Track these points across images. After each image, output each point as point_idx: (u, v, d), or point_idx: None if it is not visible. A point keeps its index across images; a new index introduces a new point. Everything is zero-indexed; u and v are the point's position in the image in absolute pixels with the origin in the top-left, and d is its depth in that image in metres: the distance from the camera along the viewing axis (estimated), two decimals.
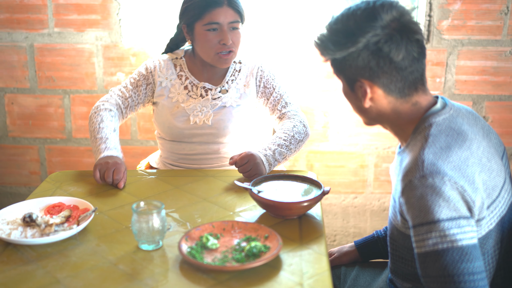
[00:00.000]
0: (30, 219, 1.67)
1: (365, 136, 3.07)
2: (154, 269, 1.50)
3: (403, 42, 1.39)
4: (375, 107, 1.49)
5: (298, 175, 1.93)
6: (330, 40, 1.44)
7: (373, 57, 1.40)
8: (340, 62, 1.46)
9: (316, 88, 3.01)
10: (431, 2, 2.84)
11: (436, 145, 1.39)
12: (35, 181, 3.27)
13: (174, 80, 2.30)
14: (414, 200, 1.36)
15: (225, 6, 2.13)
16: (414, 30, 1.42)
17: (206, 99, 2.27)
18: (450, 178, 1.34)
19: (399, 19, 1.41)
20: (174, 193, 1.98)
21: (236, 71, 2.32)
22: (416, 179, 1.35)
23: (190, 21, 2.19)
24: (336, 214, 3.22)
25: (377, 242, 1.93)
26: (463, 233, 1.33)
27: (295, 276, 1.45)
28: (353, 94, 1.51)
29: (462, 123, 1.47)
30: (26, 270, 1.50)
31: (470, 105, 2.97)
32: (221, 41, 2.14)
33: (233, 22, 2.15)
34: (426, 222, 1.34)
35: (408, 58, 1.41)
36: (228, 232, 1.64)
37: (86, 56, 3.05)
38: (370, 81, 1.44)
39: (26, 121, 3.17)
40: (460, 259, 1.32)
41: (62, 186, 2.04)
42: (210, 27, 2.14)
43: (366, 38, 1.39)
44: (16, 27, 3.03)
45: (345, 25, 1.42)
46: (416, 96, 1.47)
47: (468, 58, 2.92)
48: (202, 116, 2.26)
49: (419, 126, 1.47)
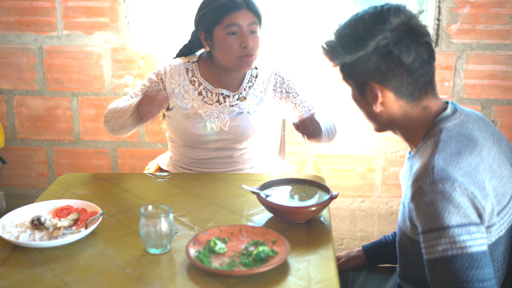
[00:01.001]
0: (38, 222, 1.68)
1: (373, 140, 3.07)
2: (161, 273, 1.50)
3: (412, 44, 1.40)
4: (386, 111, 1.48)
5: (306, 180, 1.92)
6: (339, 45, 1.44)
7: (384, 60, 1.40)
8: (349, 66, 1.46)
9: (325, 91, 3.00)
10: (440, 6, 2.84)
11: (446, 151, 1.39)
12: (43, 182, 3.28)
13: (187, 86, 2.27)
14: (424, 206, 1.35)
15: (244, 9, 2.12)
16: (423, 33, 1.42)
17: (223, 106, 2.25)
18: (460, 184, 1.33)
19: (407, 22, 1.41)
20: (182, 197, 1.97)
21: (253, 77, 2.30)
22: (426, 184, 1.35)
23: (208, 26, 2.17)
24: (343, 218, 3.21)
25: (385, 247, 1.92)
26: (473, 239, 1.32)
27: (302, 281, 1.45)
28: (363, 99, 1.50)
29: (473, 128, 1.46)
30: (34, 273, 1.50)
31: (478, 109, 2.96)
32: (242, 44, 2.13)
33: (252, 24, 2.14)
34: (436, 228, 1.33)
35: (418, 60, 1.41)
36: (235, 236, 1.64)
37: (94, 59, 3.06)
38: (381, 85, 1.44)
39: (35, 123, 3.18)
40: (469, 266, 1.31)
41: (70, 189, 2.04)
42: (230, 30, 2.12)
43: (376, 41, 1.39)
44: (25, 30, 3.04)
45: (354, 29, 1.42)
46: (426, 100, 1.47)
47: (477, 62, 2.91)
48: (219, 122, 2.24)
49: (429, 132, 1.46)
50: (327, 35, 1.49)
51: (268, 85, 2.30)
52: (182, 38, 2.94)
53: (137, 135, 3.13)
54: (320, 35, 2.97)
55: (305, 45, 2.97)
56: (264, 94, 2.29)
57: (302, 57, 2.97)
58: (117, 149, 3.18)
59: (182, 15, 3.03)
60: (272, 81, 2.30)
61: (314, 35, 2.97)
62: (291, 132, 2.91)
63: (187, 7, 3.02)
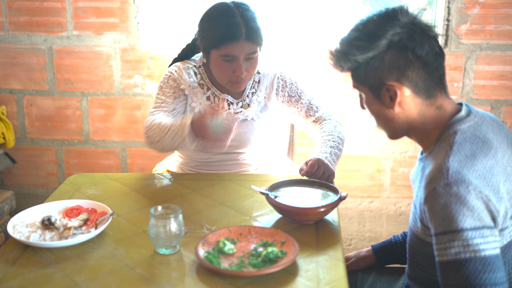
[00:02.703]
0: (49, 222, 1.69)
1: (382, 141, 3.06)
2: (171, 273, 1.51)
3: (424, 38, 1.41)
4: (403, 112, 1.47)
5: (316, 180, 1.92)
6: (352, 47, 1.44)
7: (399, 55, 1.41)
8: (363, 69, 1.45)
9: (333, 92, 3.00)
10: (449, 7, 2.83)
11: (461, 153, 1.38)
12: (53, 182, 3.30)
13: (196, 89, 2.24)
14: (438, 208, 1.35)
15: (242, 40, 2.05)
16: (430, 27, 1.44)
17: (228, 113, 2.23)
18: (475, 187, 1.33)
19: (414, 19, 1.43)
20: (191, 197, 1.98)
21: (256, 82, 2.28)
22: (440, 187, 1.34)
23: (206, 46, 2.13)
24: (352, 218, 3.21)
25: (395, 247, 1.92)
26: (487, 243, 1.32)
27: (311, 282, 1.45)
28: (379, 102, 1.49)
29: (487, 131, 1.46)
30: (45, 273, 1.51)
31: (488, 110, 2.95)
32: (235, 72, 2.09)
33: (250, 53, 2.09)
34: (449, 230, 1.33)
35: (432, 52, 1.42)
36: (244, 237, 1.65)
37: (104, 59, 3.07)
38: (399, 82, 1.43)
39: (44, 123, 3.20)
40: (482, 269, 1.31)
41: (80, 189, 2.05)
42: (226, 58, 2.07)
43: (388, 38, 1.40)
44: (35, 30, 3.06)
45: (365, 30, 1.43)
46: (440, 99, 1.47)
47: (487, 62, 2.90)
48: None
49: (443, 133, 1.46)
50: (333, 42, 1.49)
51: (272, 91, 2.28)
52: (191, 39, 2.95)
53: None
54: (326, 32, 2.97)
55: (310, 43, 2.97)
56: (267, 100, 2.28)
57: (308, 58, 2.97)
58: (126, 149, 3.19)
59: (191, 16, 3.04)
60: (275, 86, 2.28)
61: (320, 32, 2.97)
62: (299, 132, 2.91)
63: (196, 8, 3.03)
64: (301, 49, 2.97)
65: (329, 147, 2.11)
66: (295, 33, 2.97)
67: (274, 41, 2.96)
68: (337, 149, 2.13)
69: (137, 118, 3.13)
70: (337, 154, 2.12)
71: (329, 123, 2.24)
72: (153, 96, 3.08)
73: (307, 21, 2.95)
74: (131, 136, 3.16)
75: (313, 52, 2.97)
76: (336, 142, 2.14)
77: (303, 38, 2.97)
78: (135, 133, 3.15)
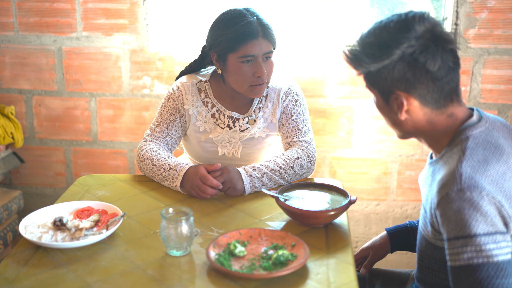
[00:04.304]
0: (60, 223, 1.70)
1: (389, 144, 3.07)
2: (182, 275, 1.52)
3: (438, 52, 1.39)
4: (411, 119, 1.48)
5: (325, 184, 1.93)
6: (364, 53, 1.44)
7: (409, 68, 1.40)
8: (374, 75, 1.46)
9: (341, 94, 3.01)
10: (457, 11, 2.84)
11: (474, 158, 1.39)
12: (61, 182, 3.32)
13: (200, 107, 2.22)
14: (451, 213, 1.35)
15: (260, 38, 2.05)
16: (448, 40, 1.42)
17: (234, 131, 2.21)
18: (488, 192, 1.33)
19: (432, 30, 1.41)
20: (200, 200, 1.99)
21: (263, 97, 2.24)
22: (453, 192, 1.35)
23: (222, 52, 2.09)
24: (358, 221, 3.22)
25: (410, 232, 1.90)
26: (499, 248, 1.32)
27: (322, 285, 1.46)
28: (388, 107, 1.50)
29: (499, 136, 1.46)
30: (56, 274, 1.53)
31: (495, 114, 2.96)
32: (256, 73, 2.06)
33: (267, 52, 2.08)
34: (462, 236, 1.34)
35: (444, 68, 1.41)
36: (255, 239, 1.66)
37: (113, 60, 3.08)
38: (406, 93, 1.44)
39: (53, 123, 3.21)
40: (495, 275, 1.31)
41: (90, 190, 2.07)
42: (245, 59, 2.05)
43: (401, 49, 1.39)
44: (45, 31, 3.08)
45: (379, 38, 1.42)
46: (452, 108, 1.47)
47: (494, 67, 2.91)
48: (231, 148, 2.21)
49: (455, 138, 1.46)
50: (350, 42, 1.49)
51: (278, 107, 2.23)
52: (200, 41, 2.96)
53: None
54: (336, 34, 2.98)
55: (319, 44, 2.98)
56: (273, 116, 2.23)
57: (315, 57, 2.98)
58: (134, 150, 3.21)
59: (201, 18, 3.05)
60: (281, 102, 2.23)
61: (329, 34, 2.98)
62: None
63: (205, 10, 3.04)
64: (308, 52, 2.98)
65: (269, 169, 2.05)
66: (301, 37, 2.98)
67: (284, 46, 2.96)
68: (279, 176, 2.06)
69: (145, 119, 3.14)
70: (274, 180, 2.05)
71: (296, 152, 2.14)
72: (161, 97, 3.09)
73: (314, 25, 2.96)
74: (139, 137, 3.17)
75: (320, 55, 2.98)
76: (283, 170, 2.07)
77: (310, 42, 2.98)
78: (143, 134, 3.16)
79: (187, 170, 2.02)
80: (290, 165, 2.09)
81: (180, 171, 2.03)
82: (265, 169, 2.04)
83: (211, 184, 1.95)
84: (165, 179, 2.06)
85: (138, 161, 2.18)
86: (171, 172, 2.05)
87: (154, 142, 2.22)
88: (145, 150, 2.16)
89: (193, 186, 1.98)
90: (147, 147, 2.18)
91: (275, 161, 2.08)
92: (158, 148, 2.18)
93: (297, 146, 2.18)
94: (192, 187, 1.98)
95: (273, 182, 2.05)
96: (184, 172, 2.02)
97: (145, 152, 2.15)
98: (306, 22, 2.96)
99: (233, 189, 1.99)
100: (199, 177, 1.97)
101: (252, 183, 2.01)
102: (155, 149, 2.17)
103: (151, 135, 2.24)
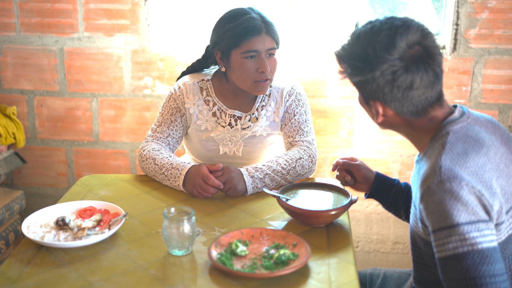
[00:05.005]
0: (63, 223, 1.71)
1: (390, 144, 3.08)
2: (184, 274, 1.53)
3: (418, 73, 1.42)
4: (389, 121, 1.53)
5: (326, 184, 1.94)
6: (349, 64, 1.49)
7: (387, 85, 1.44)
8: (355, 81, 1.51)
9: (342, 94, 3.02)
10: (458, 11, 2.84)
11: (453, 151, 1.43)
12: (62, 182, 3.32)
13: (202, 106, 2.23)
14: (433, 205, 1.38)
15: (263, 34, 2.07)
16: (433, 57, 1.44)
17: (235, 129, 2.22)
18: (467, 182, 1.37)
19: (421, 42, 1.43)
20: (202, 199, 2.00)
21: (266, 96, 2.25)
22: (434, 184, 1.38)
23: (226, 49, 2.11)
24: (359, 221, 3.22)
25: (393, 187, 1.92)
26: (483, 236, 1.35)
27: (323, 284, 1.47)
28: (367, 106, 1.55)
29: (480, 130, 1.50)
30: (59, 273, 1.54)
31: (496, 114, 2.96)
32: (259, 69, 2.08)
33: (270, 49, 2.10)
34: (446, 226, 1.37)
35: (423, 86, 1.44)
36: (256, 239, 1.67)
37: (114, 60, 3.09)
38: (383, 103, 1.49)
39: (55, 123, 3.22)
40: (481, 262, 1.34)
41: (92, 190, 2.07)
42: (248, 55, 2.07)
43: (382, 68, 1.42)
44: (46, 31, 3.09)
45: (364, 51, 1.44)
46: (433, 112, 1.51)
47: (495, 67, 2.91)
48: (232, 146, 2.22)
49: (436, 135, 1.50)
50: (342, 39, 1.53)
51: (281, 106, 2.24)
52: (201, 41, 2.97)
53: None
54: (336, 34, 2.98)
55: (320, 44, 2.99)
56: (276, 115, 2.25)
57: (316, 57, 2.99)
58: (135, 150, 3.21)
59: (202, 18, 3.06)
60: (284, 100, 2.24)
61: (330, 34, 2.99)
62: None
63: (206, 10, 3.05)
64: (309, 52, 2.99)
65: (271, 170, 2.05)
66: (302, 37, 2.98)
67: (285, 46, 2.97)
68: (281, 177, 2.06)
69: (147, 120, 3.15)
70: (276, 180, 2.06)
71: (298, 152, 2.15)
72: (162, 97, 3.10)
73: (315, 25, 2.97)
74: (140, 137, 3.18)
75: (321, 55, 2.98)
76: (285, 170, 2.07)
77: (311, 42, 2.99)
78: (145, 134, 3.17)
79: (189, 169, 2.03)
80: (292, 165, 2.09)
81: (182, 170, 2.03)
82: (268, 170, 2.05)
83: (213, 184, 1.97)
84: (167, 178, 2.08)
85: (140, 161, 2.20)
86: (173, 171, 2.06)
87: (155, 142, 2.23)
88: (147, 150, 2.17)
89: (194, 185, 1.99)
90: (149, 147, 2.19)
91: (277, 162, 2.08)
92: (160, 148, 2.19)
93: (298, 146, 2.19)
94: (194, 186, 1.99)
95: (275, 183, 2.06)
96: (186, 171, 2.02)
97: (147, 152, 2.16)
98: (307, 22, 2.96)
99: (234, 190, 2.00)
100: (201, 176, 1.98)
101: (254, 184, 2.01)
102: (157, 149, 2.18)
103: (153, 135, 2.25)
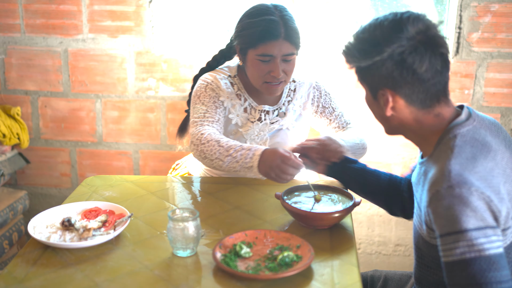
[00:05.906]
0: (68, 223, 1.72)
1: (392, 146, 3.09)
2: (188, 276, 1.54)
3: (427, 54, 1.43)
4: (397, 116, 1.52)
5: (329, 186, 1.95)
6: (356, 48, 1.49)
7: (397, 67, 1.44)
8: (364, 70, 1.51)
9: (344, 97, 3.03)
10: (461, 15, 2.86)
11: (462, 156, 1.42)
12: (66, 183, 3.34)
13: (234, 100, 2.22)
14: (442, 210, 1.38)
15: (281, 39, 2.04)
16: (440, 44, 1.46)
17: (264, 124, 2.23)
18: (477, 188, 1.36)
19: (425, 32, 1.44)
20: (207, 201, 2.01)
21: (291, 91, 2.27)
22: (443, 189, 1.38)
23: (243, 46, 2.11)
24: (361, 223, 3.24)
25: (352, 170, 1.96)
26: (490, 242, 1.35)
27: (326, 286, 1.48)
28: (375, 102, 1.55)
29: (486, 134, 1.50)
30: (65, 273, 1.55)
31: (498, 117, 2.97)
32: (271, 72, 2.07)
33: (287, 54, 2.07)
34: (454, 231, 1.36)
35: (431, 70, 1.44)
36: (260, 240, 1.68)
37: (118, 62, 3.11)
38: (393, 90, 1.48)
39: (59, 124, 3.24)
40: (488, 268, 1.34)
41: (97, 191, 2.09)
42: (263, 58, 2.06)
43: (391, 48, 1.43)
44: (51, 32, 3.10)
45: (372, 35, 1.47)
46: (439, 108, 1.50)
47: (498, 70, 2.93)
48: (259, 140, 2.23)
49: (443, 137, 1.50)
50: (348, 36, 1.54)
51: (307, 100, 2.28)
52: (205, 43, 2.98)
53: (159, 137, 3.18)
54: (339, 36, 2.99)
55: (322, 47, 3.00)
56: (303, 109, 2.28)
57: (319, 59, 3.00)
58: (139, 151, 3.23)
59: (206, 21, 3.07)
60: (311, 95, 2.28)
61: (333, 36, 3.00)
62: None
63: (211, 13, 3.06)
64: (310, 53, 3.00)
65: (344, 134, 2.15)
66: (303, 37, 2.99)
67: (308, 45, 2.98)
68: (351, 141, 2.14)
69: (150, 121, 3.16)
70: (350, 144, 2.11)
71: (353, 130, 2.27)
72: (166, 99, 3.11)
73: (316, 25, 2.98)
74: (144, 138, 3.19)
75: (323, 57, 3.00)
76: (353, 138, 2.16)
77: (311, 43, 3.00)
78: (148, 135, 3.18)
79: (264, 150, 1.91)
80: (355, 134, 2.22)
81: (256, 151, 1.91)
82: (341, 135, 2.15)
83: (293, 164, 1.86)
84: (235, 160, 1.93)
85: (196, 144, 2.04)
86: (244, 152, 1.92)
87: (211, 126, 2.11)
88: (208, 133, 2.04)
89: (272, 167, 1.86)
90: (209, 130, 2.06)
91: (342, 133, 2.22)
92: (218, 133, 2.09)
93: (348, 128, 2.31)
94: (271, 168, 1.86)
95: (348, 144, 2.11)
96: (261, 151, 1.90)
97: (208, 135, 2.03)
98: (308, 22, 2.98)
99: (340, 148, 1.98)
100: (279, 157, 1.86)
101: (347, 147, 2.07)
102: (217, 133, 2.07)
103: (204, 121, 2.12)
